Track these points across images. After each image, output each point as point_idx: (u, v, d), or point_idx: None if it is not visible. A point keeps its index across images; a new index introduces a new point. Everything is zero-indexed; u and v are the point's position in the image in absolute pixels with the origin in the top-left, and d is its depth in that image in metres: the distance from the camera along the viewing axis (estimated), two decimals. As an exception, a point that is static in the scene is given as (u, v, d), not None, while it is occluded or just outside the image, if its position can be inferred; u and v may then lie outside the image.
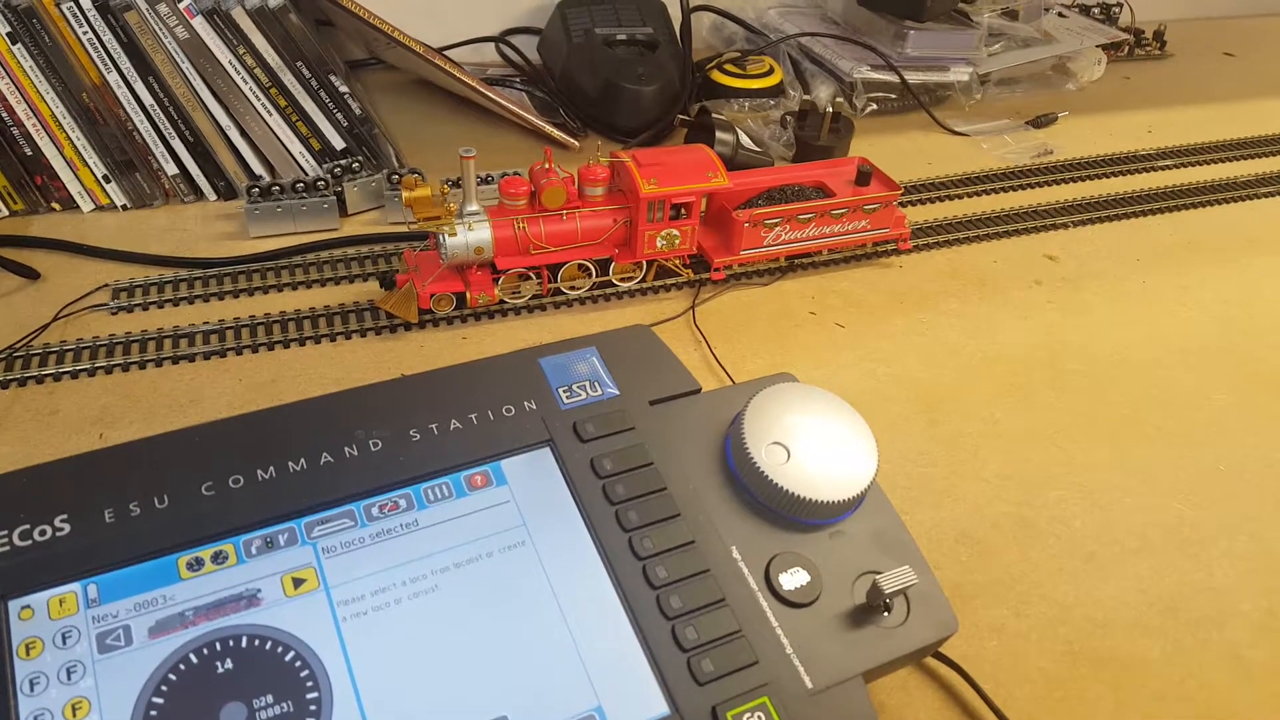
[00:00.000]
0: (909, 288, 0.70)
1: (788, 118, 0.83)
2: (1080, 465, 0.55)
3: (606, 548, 0.37)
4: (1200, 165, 0.90)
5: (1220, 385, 0.62)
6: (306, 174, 0.74)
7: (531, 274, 0.62)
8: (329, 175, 0.71)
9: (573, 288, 0.64)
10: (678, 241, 0.64)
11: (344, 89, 0.73)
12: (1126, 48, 1.12)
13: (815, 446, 0.41)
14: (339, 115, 0.74)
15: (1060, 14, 1.06)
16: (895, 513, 0.41)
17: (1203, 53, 1.19)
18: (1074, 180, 0.85)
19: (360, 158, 0.73)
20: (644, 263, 0.65)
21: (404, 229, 0.71)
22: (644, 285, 0.66)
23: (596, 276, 0.64)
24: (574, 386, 0.42)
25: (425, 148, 0.83)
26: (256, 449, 0.37)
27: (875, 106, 0.92)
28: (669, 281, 0.67)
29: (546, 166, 0.60)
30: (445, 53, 0.93)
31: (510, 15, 0.98)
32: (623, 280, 0.66)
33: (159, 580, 0.33)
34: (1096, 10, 1.15)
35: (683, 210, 0.63)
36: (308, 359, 0.59)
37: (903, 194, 0.73)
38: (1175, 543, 0.51)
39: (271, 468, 0.37)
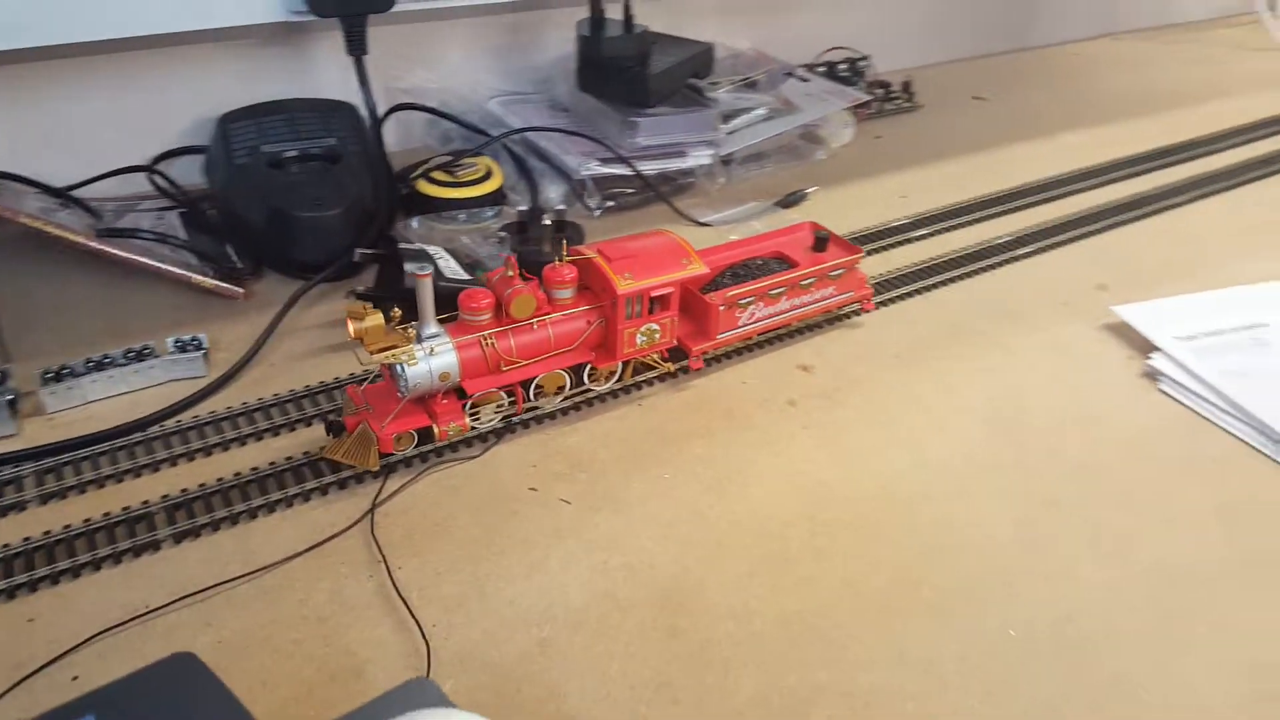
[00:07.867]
0: (648, 432, 0.59)
1: (503, 233, 0.71)
2: (851, 662, 0.45)
3: None
4: (956, 229, 0.84)
5: (998, 513, 0.54)
6: None
7: (503, 393, 0.56)
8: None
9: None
10: (658, 336, 0.59)
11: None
12: (874, 105, 1.08)
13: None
14: (-104, 302, 0.56)
15: (802, 79, 1.00)
16: None
17: (952, 100, 1.17)
18: (827, 267, 0.77)
19: (-65, 352, 0.56)
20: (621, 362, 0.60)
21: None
22: (624, 384, 0.62)
23: (572, 385, 0.59)
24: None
25: (38, 320, 0.66)
26: None
27: (613, 204, 0.81)
28: (649, 376, 0.63)
29: (510, 274, 0.55)
30: (89, 186, 0.77)
31: (170, 134, 0.82)
32: (605, 381, 0.61)
33: None
34: (843, 67, 1.10)
35: (660, 303, 0.58)
36: None
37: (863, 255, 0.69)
38: (967, 763, 0.41)
39: None
